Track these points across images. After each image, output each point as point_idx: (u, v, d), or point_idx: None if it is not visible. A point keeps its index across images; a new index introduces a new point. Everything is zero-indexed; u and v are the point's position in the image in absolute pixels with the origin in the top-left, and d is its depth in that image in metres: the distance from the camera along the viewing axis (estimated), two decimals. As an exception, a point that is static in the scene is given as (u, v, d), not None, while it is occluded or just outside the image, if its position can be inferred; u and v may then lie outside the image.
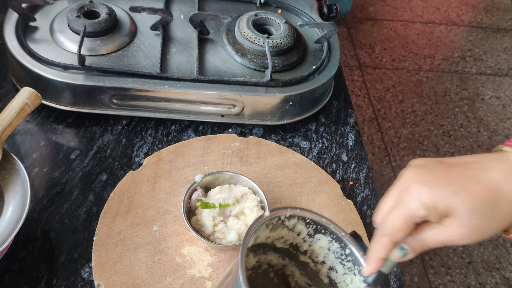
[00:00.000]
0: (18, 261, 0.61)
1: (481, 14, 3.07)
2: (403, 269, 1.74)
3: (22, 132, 0.75)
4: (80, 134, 0.77)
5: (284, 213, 0.51)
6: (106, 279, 0.60)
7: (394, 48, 2.68)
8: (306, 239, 0.54)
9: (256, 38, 0.82)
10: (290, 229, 0.54)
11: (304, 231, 0.54)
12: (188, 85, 0.77)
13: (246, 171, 0.75)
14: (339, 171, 0.80)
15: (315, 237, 0.54)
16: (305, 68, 0.85)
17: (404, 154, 2.13)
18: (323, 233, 0.53)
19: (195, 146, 0.78)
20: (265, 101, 0.80)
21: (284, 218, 0.52)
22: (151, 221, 0.67)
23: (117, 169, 0.73)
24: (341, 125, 0.88)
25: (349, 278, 0.53)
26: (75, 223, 0.66)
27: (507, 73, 2.66)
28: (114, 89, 0.74)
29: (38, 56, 0.74)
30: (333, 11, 0.99)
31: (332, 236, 0.53)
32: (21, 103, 0.62)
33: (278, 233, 0.54)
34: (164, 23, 0.83)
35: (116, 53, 0.79)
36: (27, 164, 0.71)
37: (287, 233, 0.54)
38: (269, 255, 0.58)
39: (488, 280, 1.75)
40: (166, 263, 0.63)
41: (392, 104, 2.36)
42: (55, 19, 0.80)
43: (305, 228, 0.53)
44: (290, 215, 0.51)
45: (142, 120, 0.81)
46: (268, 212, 0.50)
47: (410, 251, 0.45)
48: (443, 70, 2.60)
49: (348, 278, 0.53)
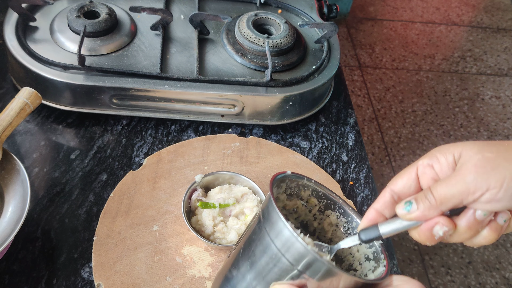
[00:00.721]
0: (18, 261, 0.61)
1: (481, 14, 3.07)
2: (403, 269, 1.74)
3: (22, 132, 0.75)
4: (80, 134, 0.77)
5: (302, 179, 0.52)
6: (106, 279, 0.60)
7: (394, 48, 2.68)
8: (316, 216, 0.55)
9: (256, 38, 0.82)
10: (304, 203, 0.54)
11: (315, 206, 0.54)
12: (188, 85, 0.77)
13: (246, 171, 0.75)
14: (339, 171, 0.80)
15: (324, 213, 0.55)
16: (305, 68, 0.85)
17: (404, 154, 2.13)
18: (332, 208, 0.54)
19: (195, 146, 0.78)
20: (265, 101, 0.80)
21: (301, 187, 0.53)
22: (151, 221, 0.67)
23: (117, 169, 0.73)
24: (341, 125, 0.88)
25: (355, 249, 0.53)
26: (75, 223, 0.66)
27: (507, 73, 2.66)
28: (114, 89, 0.74)
29: (38, 56, 0.74)
30: (333, 11, 0.99)
31: (340, 211, 0.53)
32: (21, 103, 0.63)
33: (293, 203, 0.54)
34: (164, 23, 0.83)
35: (116, 53, 0.79)
36: (27, 164, 0.71)
37: (301, 206, 0.55)
38: None
39: (488, 280, 1.75)
40: (166, 263, 0.63)
41: (392, 104, 2.36)
42: (55, 19, 0.80)
43: (317, 202, 0.54)
44: (306, 184, 0.52)
45: (142, 120, 0.81)
46: (290, 172, 0.50)
47: (416, 208, 0.41)
48: (443, 70, 2.60)
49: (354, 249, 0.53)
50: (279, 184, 0.51)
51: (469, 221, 0.41)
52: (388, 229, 0.44)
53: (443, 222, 0.41)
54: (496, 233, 0.42)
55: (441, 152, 0.43)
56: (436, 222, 0.41)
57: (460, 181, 0.40)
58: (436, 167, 0.43)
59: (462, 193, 0.39)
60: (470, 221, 0.41)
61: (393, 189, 0.44)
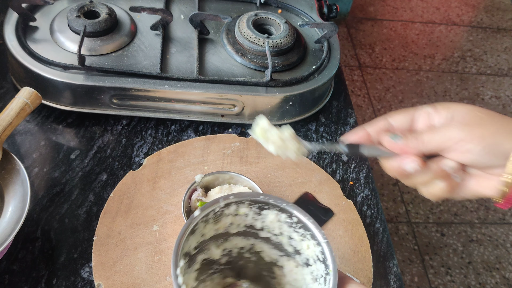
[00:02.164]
0: (18, 261, 0.61)
1: (481, 14, 3.07)
2: (403, 269, 1.74)
3: (22, 132, 0.75)
4: (80, 134, 0.77)
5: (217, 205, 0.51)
6: (106, 279, 0.60)
7: (394, 48, 2.68)
8: (256, 217, 0.54)
9: (256, 38, 0.82)
10: (235, 215, 0.54)
11: (249, 213, 0.54)
12: (188, 85, 0.77)
13: (246, 171, 0.75)
14: (339, 171, 0.80)
15: (262, 214, 0.54)
16: (305, 68, 0.85)
17: (404, 154, 2.13)
18: (267, 208, 0.53)
19: (195, 146, 0.78)
20: (265, 101, 0.80)
21: (221, 209, 0.52)
22: (151, 221, 0.67)
23: (117, 169, 0.73)
24: (341, 125, 0.88)
25: (305, 244, 0.53)
26: (75, 223, 0.66)
27: (507, 73, 2.66)
28: (114, 89, 0.74)
29: (38, 56, 0.74)
30: (333, 11, 0.99)
31: (276, 208, 0.53)
32: (21, 103, 0.62)
33: (224, 223, 0.54)
34: (164, 23, 0.83)
35: (116, 53, 0.79)
36: (27, 164, 0.71)
37: (234, 219, 0.54)
38: (232, 240, 0.58)
39: (488, 280, 1.75)
40: (166, 263, 0.63)
41: (392, 104, 2.36)
42: (55, 19, 0.80)
43: (248, 210, 0.53)
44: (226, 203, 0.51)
45: (142, 120, 0.81)
46: (199, 211, 0.50)
47: (402, 141, 0.46)
48: (443, 70, 2.60)
49: (304, 244, 0.53)
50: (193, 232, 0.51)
51: (437, 167, 0.45)
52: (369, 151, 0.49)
53: (416, 160, 0.45)
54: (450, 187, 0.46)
55: (443, 106, 0.47)
56: (410, 158, 0.45)
57: (446, 130, 0.45)
58: (434, 117, 0.47)
59: (445, 140, 0.44)
60: (438, 167, 0.45)
61: (389, 120, 0.49)
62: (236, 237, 0.58)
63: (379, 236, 0.73)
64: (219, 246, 0.57)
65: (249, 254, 0.60)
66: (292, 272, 0.56)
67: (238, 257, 0.60)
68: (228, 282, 0.60)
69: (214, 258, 0.57)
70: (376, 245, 0.72)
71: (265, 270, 0.60)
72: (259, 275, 0.60)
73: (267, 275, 0.60)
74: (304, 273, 0.54)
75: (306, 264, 0.54)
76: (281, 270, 0.58)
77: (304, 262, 0.54)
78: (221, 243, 0.57)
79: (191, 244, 0.52)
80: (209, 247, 0.56)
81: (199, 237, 0.52)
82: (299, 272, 0.55)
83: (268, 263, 0.59)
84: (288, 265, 0.56)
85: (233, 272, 0.60)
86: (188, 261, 0.52)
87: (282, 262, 0.57)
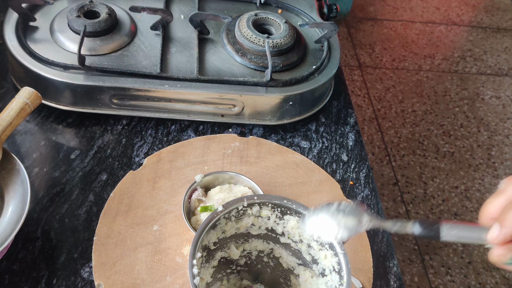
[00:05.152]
0: (18, 261, 0.61)
1: (481, 14, 3.07)
2: (403, 269, 1.74)
3: (22, 132, 0.75)
4: (80, 134, 0.77)
5: (241, 203, 0.52)
6: (106, 279, 0.60)
7: (394, 48, 2.68)
8: (278, 222, 0.55)
9: (256, 38, 0.82)
10: (257, 216, 0.54)
11: (272, 216, 0.54)
12: (188, 85, 0.77)
13: (246, 171, 0.75)
14: (339, 171, 0.80)
15: (284, 219, 0.55)
16: (305, 68, 0.85)
17: (404, 154, 2.13)
18: (289, 213, 0.54)
19: (195, 146, 0.78)
20: (265, 101, 0.80)
21: (244, 208, 0.53)
22: (151, 221, 0.67)
23: (117, 169, 0.73)
24: (341, 125, 0.88)
25: (323, 254, 0.53)
26: (75, 223, 0.66)
27: (507, 73, 2.66)
28: (114, 89, 0.74)
29: (38, 56, 0.74)
30: (333, 11, 0.99)
31: (298, 215, 0.53)
32: (21, 103, 0.62)
33: (246, 222, 0.55)
34: (164, 23, 0.83)
35: (116, 53, 0.79)
36: (27, 164, 0.71)
37: (255, 220, 0.55)
38: (253, 242, 0.59)
39: (488, 280, 1.75)
40: (166, 263, 0.63)
41: (392, 104, 2.36)
42: (55, 19, 0.80)
43: (271, 213, 0.54)
44: (249, 203, 0.52)
45: (142, 120, 0.81)
46: (221, 207, 0.50)
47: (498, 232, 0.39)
48: (443, 70, 2.60)
49: (322, 254, 0.53)
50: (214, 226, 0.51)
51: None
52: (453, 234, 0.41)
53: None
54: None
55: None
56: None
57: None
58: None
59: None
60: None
61: None
62: (257, 239, 0.58)
63: (379, 236, 0.73)
64: (239, 246, 0.58)
65: (268, 259, 0.60)
66: (307, 282, 0.57)
67: (257, 260, 0.60)
68: (244, 284, 0.60)
69: (233, 258, 0.58)
70: (376, 245, 0.72)
71: (282, 277, 0.60)
72: (276, 281, 0.61)
73: (283, 282, 0.60)
74: (319, 283, 0.55)
75: (322, 274, 0.54)
76: (297, 279, 0.58)
77: (320, 272, 0.54)
78: (241, 244, 0.58)
79: (211, 238, 0.52)
80: (229, 246, 0.56)
81: (220, 233, 0.53)
82: (313, 282, 0.56)
83: (286, 270, 0.59)
84: (304, 275, 0.57)
85: (250, 275, 0.61)
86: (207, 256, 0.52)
87: (299, 270, 0.58)
